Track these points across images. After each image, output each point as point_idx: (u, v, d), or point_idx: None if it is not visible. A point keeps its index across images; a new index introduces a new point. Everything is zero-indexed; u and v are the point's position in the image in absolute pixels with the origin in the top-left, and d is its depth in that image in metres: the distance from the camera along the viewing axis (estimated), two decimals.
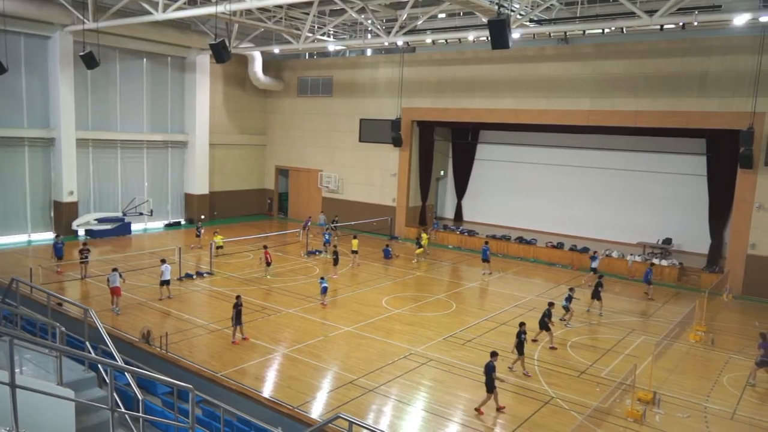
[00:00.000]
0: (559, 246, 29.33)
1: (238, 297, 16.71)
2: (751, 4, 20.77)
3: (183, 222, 35.44)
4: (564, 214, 31.62)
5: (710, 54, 24.30)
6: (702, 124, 24.51)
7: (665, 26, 20.84)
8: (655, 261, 26.15)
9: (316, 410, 12.72)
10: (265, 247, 24.71)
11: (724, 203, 25.57)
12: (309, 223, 31.90)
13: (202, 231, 29.27)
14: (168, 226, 34.48)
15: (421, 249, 28.00)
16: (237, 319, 16.34)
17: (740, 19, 19.07)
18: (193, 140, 34.77)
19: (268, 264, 23.84)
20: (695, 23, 19.81)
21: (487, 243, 27.09)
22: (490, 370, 12.75)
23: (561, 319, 19.12)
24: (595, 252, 26.01)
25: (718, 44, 24.13)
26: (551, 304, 17.37)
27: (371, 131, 34.65)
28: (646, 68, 25.77)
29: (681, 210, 28.15)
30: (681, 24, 20.05)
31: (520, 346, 14.92)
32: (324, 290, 20.11)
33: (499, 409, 12.91)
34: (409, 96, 32.74)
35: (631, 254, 27.06)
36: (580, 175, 31.14)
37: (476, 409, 12.85)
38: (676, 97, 25.01)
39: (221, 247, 26.49)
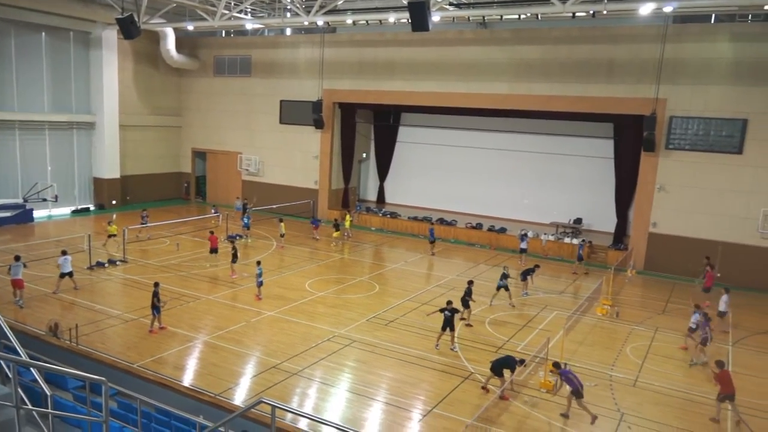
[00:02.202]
0: (478, 227, 30.22)
1: (156, 284, 16.09)
2: None
3: (92, 208, 33.53)
4: (482, 195, 32.50)
5: (618, 42, 25.56)
6: (610, 109, 25.78)
7: (577, 14, 21.77)
8: (566, 240, 27.49)
9: (239, 396, 12.52)
10: (211, 232, 23.91)
11: (629, 184, 27.14)
12: (215, 207, 32.50)
13: (148, 218, 26.90)
14: (75, 212, 32.51)
15: (339, 233, 27.97)
16: (156, 306, 15.73)
17: (645, 9, 20.11)
18: (101, 121, 32.81)
19: (214, 251, 23.10)
20: (605, 12, 20.73)
21: (432, 225, 29.54)
22: (513, 363, 13.03)
23: (490, 304, 19.70)
24: (524, 232, 26.79)
25: (625, 33, 25.42)
26: (471, 282, 17.92)
27: (292, 113, 34.05)
28: (559, 54, 26.77)
29: (590, 191, 29.65)
30: (591, 12, 20.91)
31: (446, 323, 15.35)
32: (260, 284, 19.05)
33: (484, 387, 13.36)
34: (331, 77, 32.39)
35: (545, 233, 28.26)
36: (497, 158, 32.05)
37: (483, 387, 13.39)
38: (586, 83, 26.17)
39: (114, 235, 24.36)
